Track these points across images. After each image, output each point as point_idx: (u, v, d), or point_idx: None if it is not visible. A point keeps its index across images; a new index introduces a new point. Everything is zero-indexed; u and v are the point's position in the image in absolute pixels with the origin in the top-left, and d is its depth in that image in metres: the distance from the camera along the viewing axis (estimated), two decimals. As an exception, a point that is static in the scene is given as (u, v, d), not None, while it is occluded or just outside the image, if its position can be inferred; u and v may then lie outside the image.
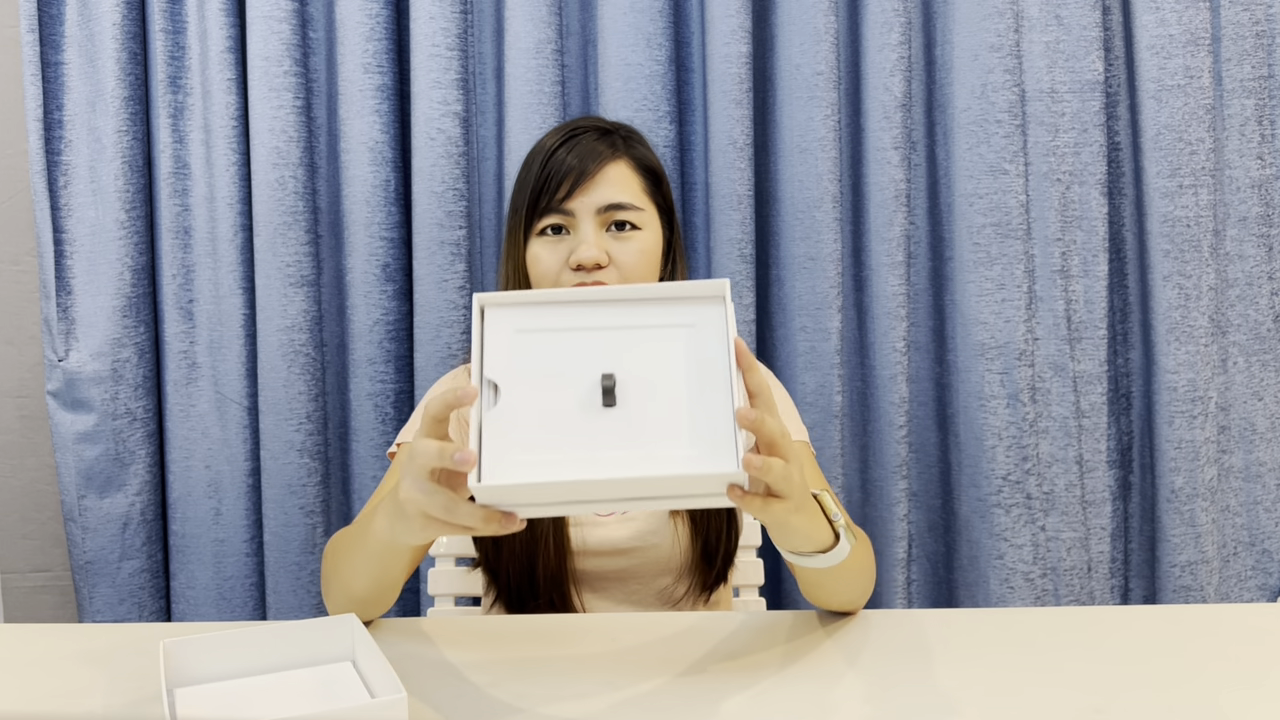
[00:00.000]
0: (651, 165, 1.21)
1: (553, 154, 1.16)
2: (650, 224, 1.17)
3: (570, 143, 1.17)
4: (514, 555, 1.14)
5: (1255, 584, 1.74)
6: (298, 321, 1.67)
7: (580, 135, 1.17)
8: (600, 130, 1.19)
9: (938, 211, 1.73)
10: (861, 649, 1.01)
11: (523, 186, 1.18)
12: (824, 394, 1.68)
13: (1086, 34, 1.66)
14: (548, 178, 1.14)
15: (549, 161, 1.15)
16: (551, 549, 1.15)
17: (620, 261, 1.14)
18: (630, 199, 1.15)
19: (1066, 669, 0.96)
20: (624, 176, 1.16)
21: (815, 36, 1.64)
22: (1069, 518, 1.70)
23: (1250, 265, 1.70)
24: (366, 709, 0.82)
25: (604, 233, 1.14)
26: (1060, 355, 1.69)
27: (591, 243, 1.12)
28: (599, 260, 1.12)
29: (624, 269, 1.14)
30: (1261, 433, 1.72)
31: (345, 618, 0.96)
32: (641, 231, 1.16)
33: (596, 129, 1.19)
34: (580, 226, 1.14)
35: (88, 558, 1.71)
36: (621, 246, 1.14)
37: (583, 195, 1.14)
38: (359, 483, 1.73)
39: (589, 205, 1.14)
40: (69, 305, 1.69)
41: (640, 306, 0.86)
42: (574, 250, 1.13)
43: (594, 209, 1.14)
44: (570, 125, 1.20)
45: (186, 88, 1.70)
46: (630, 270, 1.14)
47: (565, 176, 1.14)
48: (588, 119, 1.22)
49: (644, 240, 1.16)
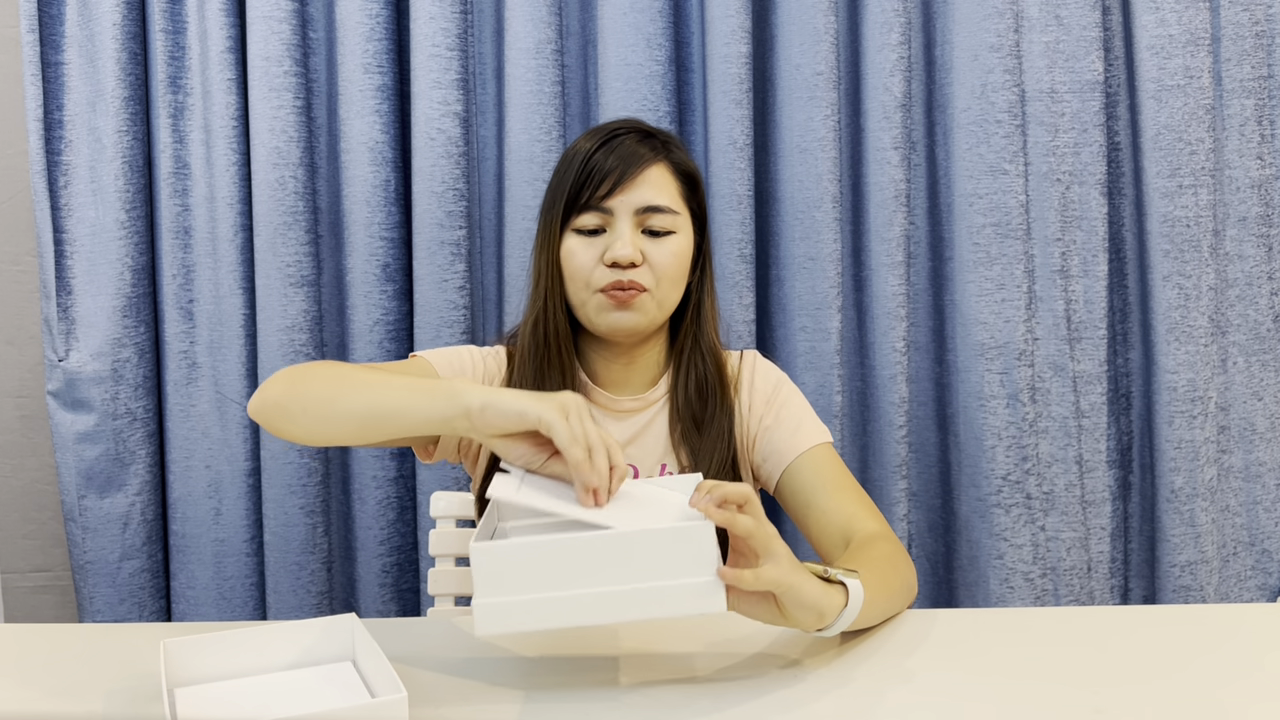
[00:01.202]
0: (689, 170, 1.21)
1: (593, 155, 1.16)
2: (684, 228, 1.18)
3: (611, 144, 1.17)
4: None
5: (1255, 584, 1.74)
6: (298, 321, 1.68)
7: (622, 137, 1.18)
8: (642, 133, 1.20)
9: (938, 211, 1.73)
10: (860, 648, 1.01)
11: (561, 184, 1.18)
12: (824, 394, 1.68)
13: (1086, 34, 1.66)
14: (589, 175, 1.15)
15: (590, 160, 1.16)
16: None
17: (655, 262, 1.15)
18: (668, 202, 1.16)
19: (1066, 669, 0.96)
20: (664, 179, 1.17)
21: (815, 36, 1.64)
22: (1069, 518, 1.70)
23: (1250, 265, 1.70)
24: (366, 709, 0.82)
25: (640, 233, 1.16)
26: (1060, 355, 1.69)
27: (628, 241, 1.14)
28: (634, 259, 1.13)
29: (658, 270, 1.15)
30: (1261, 433, 1.72)
31: (345, 617, 0.96)
32: (676, 235, 1.17)
33: (638, 131, 1.20)
34: (617, 225, 1.15)
35: (88, 558, 1.71)
36: (656, 248, 1.15)
37: (623, 194, 1.15)
38: (359, 483, 1.73)
39: (628, 205, 1.15)
40: (69, 305, 1.69)
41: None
42: (609, 247, 1.14)
43: (632, 209, 1.15)
44: (610, 127, 1.20)
45: (187, 88, 1.70)
46: (663, 271, 1.15)
47: (607, 175, 1.15)
48: (627, 121, 1.23)
49: (678, 244, 1.17)
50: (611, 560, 0.84)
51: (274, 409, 1.03)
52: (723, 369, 1.23)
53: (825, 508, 1.15)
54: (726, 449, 1.20)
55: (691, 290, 1.21)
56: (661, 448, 1.21)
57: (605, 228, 1.16)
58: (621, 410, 1.22)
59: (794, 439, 1.20)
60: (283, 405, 1.02)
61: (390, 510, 1.72)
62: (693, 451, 1.19)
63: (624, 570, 0.84)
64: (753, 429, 1.23)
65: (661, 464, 1.21)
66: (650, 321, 1.17)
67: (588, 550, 0.84)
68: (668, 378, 1.23)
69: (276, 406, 1.03)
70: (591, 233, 1.16)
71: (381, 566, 1.73)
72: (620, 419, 1.22)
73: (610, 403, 1.22)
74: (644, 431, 1.21)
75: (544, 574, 0.84)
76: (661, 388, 1.23)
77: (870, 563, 1.02)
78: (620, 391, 1.22)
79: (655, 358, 1.23)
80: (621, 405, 1.22)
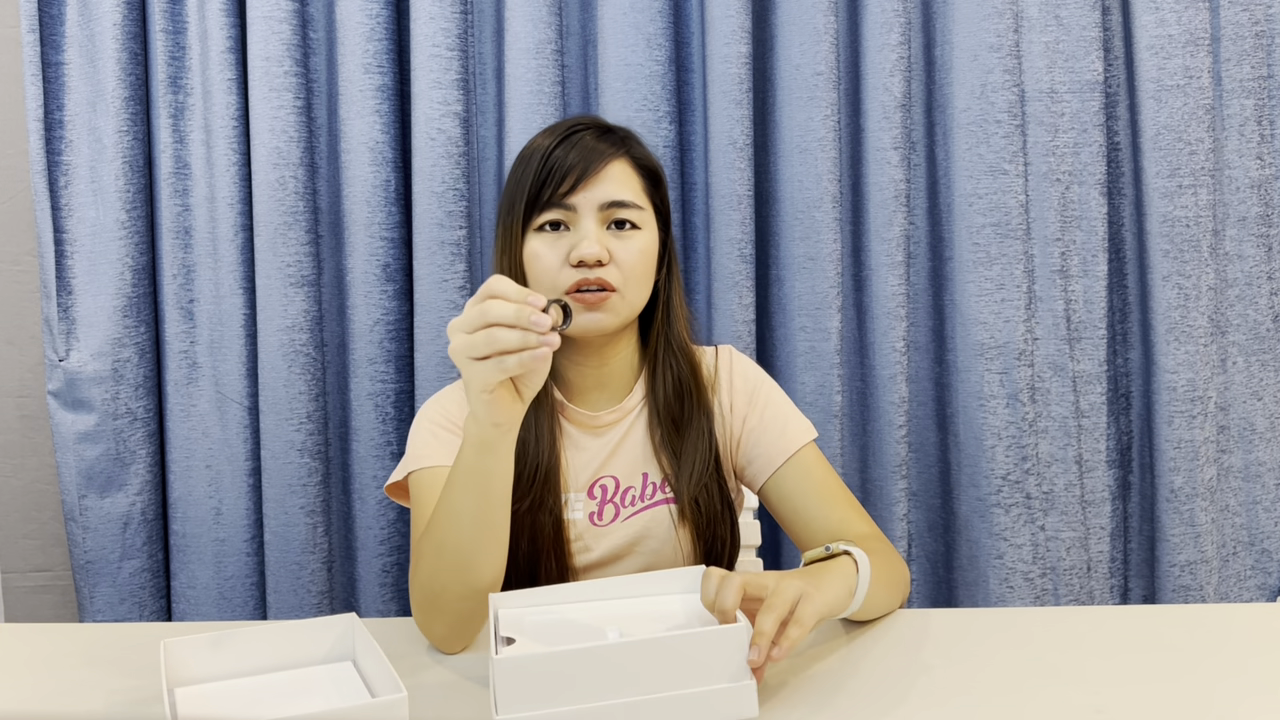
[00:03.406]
0: (651, 166, 1.19)
1: (552, 151, 1.13)
2: (649, 225, 1.16)
3: (570, 140, 1.14)
4: (516, 565, 1.13)
5: (1254, 584, 1.74)
6: (298, 321, 1.68)
7: (581, 133, 1.15)
8: (600, 129, 1.17)
9: (937, 211, 1.73)
10: (861, 648, 1.01)
11: (519, 183, 1.15)
12: (824, 394, 1.68)
13: (1086, 34, 1.66)
14: (549, 173, 1.12)
15: (549, 158, 1.12)
16: (554, 559, 1.14)
17: (621, 260, 1.12)
18: (632, 197, 1.14)
19: (1066, 669, 0.96)
20: (626, 175, 1.14)
21: (815, 36, 1.64)
22: (1068, 517, 1.70)
23: (1250, 265, 1.70)
24: (366, 709, 0.81)
25: (604, 230, 1.12)
26: (1060, 355, 1.69)
27: (594, 238, 1.10)
28: (600, 257, 1.10)
29: (624, 267, 1.12)
30: (1261, 433, 1.72)
31: (345, 617, 0.96)
32: (641, 231, 1.14)
33: (597, 127, 1.17)
34: (582, 222, 1.12)
35: (88, 557, 1.71)
36: (622, 245, 1.12)
37: (585, 191, 1.12)
38: (359, 483, 1.73)
39: (591, 201, 1.12)
40: (69, 305, 1.69)
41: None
42: (575, 246, 1.10)
43: (596, 205, 1.12)
44: (568, 124, 1.17)
45: (187, 88, 1.70)
46: (630, 269, 1.12)
47: (569, 172, 1.11)
48: (585, 118, 1.19)
49: (643, 240, 1.14)
50: (642, 667, 0.81)
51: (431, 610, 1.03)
52: (697, 367, 1.21)
53: (816, 515, 1.15)
54: (708, 449, 1.18)
55: (660, 289, 1.19)
56: (642, 456, 1.19)
57: (569, 225, 1.13)
58: (599, 425, 1.19)
59: (781, 442, 1.18)
60: (438, 605, 1.02)
61: (390, 510, 1.72)
62: (674, 454, 1.17)
63: (655, 678, 0.81)
64: (735, 429, 1.21)
65: (643, 473, 1.18)
66: (621, 321, 1.14)
67: (617, 658, 0.81)
68: (643, 382, 1.21)
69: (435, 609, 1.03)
70: (555, 227, 1.13)
71: (381, 566, 1.73)
72: (599, 434, 1.19)
73: (588, 419, 1.19)
74: (623, 442, 1.19)
75: (571, 685, 0.80)
76: (637, 394, 1.20)
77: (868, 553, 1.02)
78: (596, 404, 1.20)
79: (628, 358, 1.20)
80: (599, 420, 1.19)
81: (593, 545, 1.16)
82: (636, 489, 1.18)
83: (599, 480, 1.18)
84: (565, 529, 1.15)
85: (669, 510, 1.17)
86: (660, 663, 0.81)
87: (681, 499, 1.16)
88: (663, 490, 1.18)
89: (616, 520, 1.17)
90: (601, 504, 1.17)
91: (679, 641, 0.81)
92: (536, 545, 1.14)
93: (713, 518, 1.17)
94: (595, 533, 1.16)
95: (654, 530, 1.17)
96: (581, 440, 1.19)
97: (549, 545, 1.14)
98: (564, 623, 0.93)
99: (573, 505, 1.17)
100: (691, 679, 0.81)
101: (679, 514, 1.17)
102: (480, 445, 0.95)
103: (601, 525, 1.17)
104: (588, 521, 1.16)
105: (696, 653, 0.81)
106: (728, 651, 0.82)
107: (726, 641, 0.82)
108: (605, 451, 1.18)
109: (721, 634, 0.82)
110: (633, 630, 0.89)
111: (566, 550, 1.15)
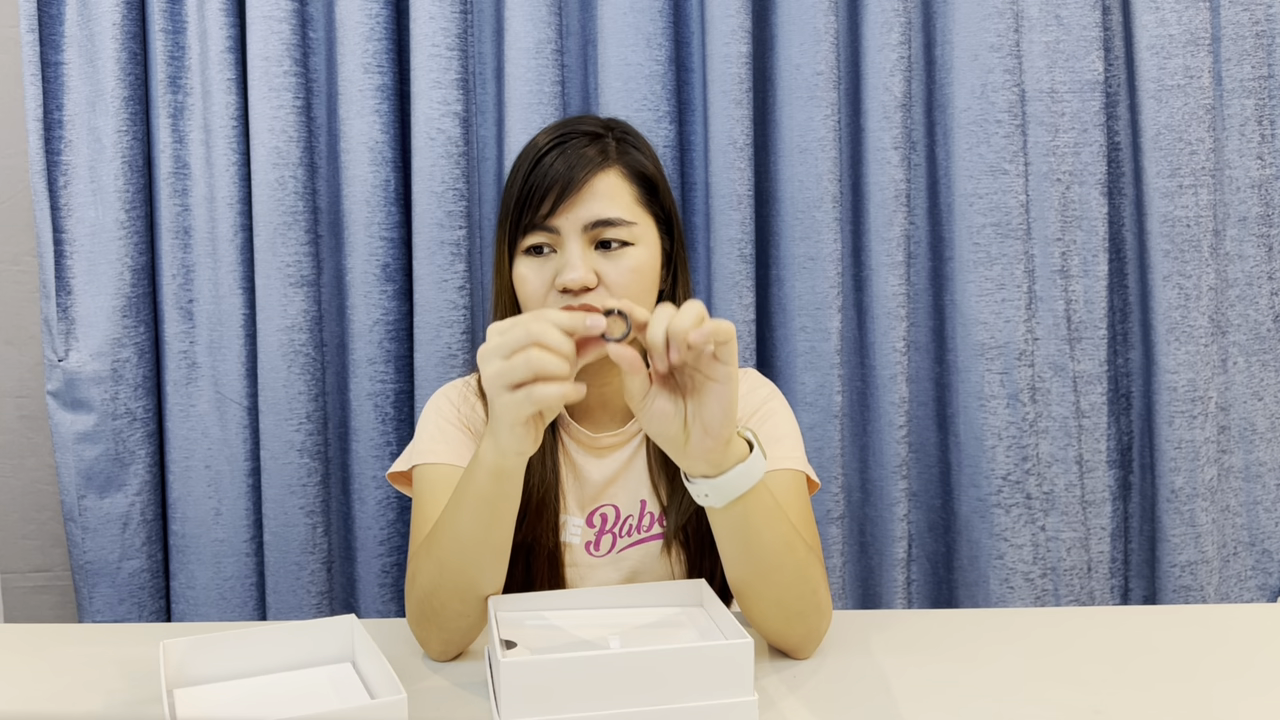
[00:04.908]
0: (646, 172, 1.11)
1: (538, 161, 1.07)
2: (644, 238, 1.08)
3: (560, 147, 1.07)
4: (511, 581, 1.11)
5: (1255, 584, 1.74)
6: (298, 321, 1.67)
7: (570, 139, 1.08)
8: (591, 134, 1.10)
9: (938, 211, 1.73)
10: (861, 649, 1.01)
11: (508, 195, 1.11)
12: (824, 394, 1.68)
13: (1086, 34, 1.66)
14: (531, 190, 1.06)
15: (534, 170, 1.07)
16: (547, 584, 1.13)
17: (611, 281, 1.05)
18: (620, 214, 1.06)
19: (1066, 669, 0.96)
20: (614, 188, 1.07)
21: (815, 36, 1.64)
22: (1069, 518, 1.70)
23: (1250, 265, 1.70)
24: (366, 709, 0.81)
25: (592, 250, 1.06)
26: (1060, 355, 1.69)
27: (578, 264, 1.04)
28: (586, 282, 1.03)
29: (615, 289, 1.05)
30: (1261, 433, 1.72)
31: (345, 618, 0.96)
32: (633, 248, 1.07)
33: (588, 133, 1.10)
34: (566, 245, 1.05)
35: (88, 558, 1.71)
36: (611, 265, 1.05)
37: (568, 211, 1.05)
38: (359, 483, 1.73)
39: (575, 222, 1.05)
40: (69, 305, 1.69)
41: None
42: (559, 271, 1.04)
43: (580, 226, 1.05)
44: (562, 126, 1.11)
45: (186, 88, 1.70)
46: (622, 290, 1.05)
47: (549, 190, 1.05)
48: (581, 119, 1.13)
49: (636, 257, 1.07)
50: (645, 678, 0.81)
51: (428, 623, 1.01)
52: None
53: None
54: None
55: (664, 298, 1.12)
56: (643, 483, 1.15)
57: (554, 248, 1.06)
58: (601, 447, 1.16)
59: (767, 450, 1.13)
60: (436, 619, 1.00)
61: (390, 510, 1.72)
62: (670, 480, 1.13)
63: (657, 689, 0.81)
64: None
65: (641, 500, 1.15)
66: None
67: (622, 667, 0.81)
68: None
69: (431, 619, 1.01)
70: (539, 252, 1.07)
71: (381, 566, 1.73)
72: (601, 456, 1.16)
73: (590, 440, 1.15)
74: (625, 469, 1.16)
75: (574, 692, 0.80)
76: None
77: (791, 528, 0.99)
78: (598, 423, 1.16)
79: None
80: (601, 442, 1.15)
81: (587, 576, 1.14)
82: (634, 518, 1.15)
83: (599, 509, 1.15)
84: (561, 553, 1.13)
85: (662, 545, 1.14)
86: (663, 674, 0.81)
87: (671, 529, 1.13)
88: (660, 523, 1.14)
89: (613, 551, 1.15)
90: (599, 534, 1.15)
91: (683, 654, 0.81)
92: (531, 571, 1.13)
93: (704, 549, 1.14)
94: (590, 562, 1.15)
95: (647, 564, 1.14)
96: (581, 460, 1.16)
97: (543, 567, 1.12)
98: (564, 630, 0.92)
99: (570, 529, 1.14)
100: (693, 692, 0.82)
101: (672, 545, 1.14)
102: (497, 473, 0.92)
103: (598, 555, 1.15)
104: (583, 549, 1.14)
105: (699, 666, 0.82)
106: (730, 666, 0.82)
107: (729, 656, 0.82)
108: (605, 475, 1.15)
109: (724, 649, 0.82)
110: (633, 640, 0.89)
111: (561, 575, 1.14)
